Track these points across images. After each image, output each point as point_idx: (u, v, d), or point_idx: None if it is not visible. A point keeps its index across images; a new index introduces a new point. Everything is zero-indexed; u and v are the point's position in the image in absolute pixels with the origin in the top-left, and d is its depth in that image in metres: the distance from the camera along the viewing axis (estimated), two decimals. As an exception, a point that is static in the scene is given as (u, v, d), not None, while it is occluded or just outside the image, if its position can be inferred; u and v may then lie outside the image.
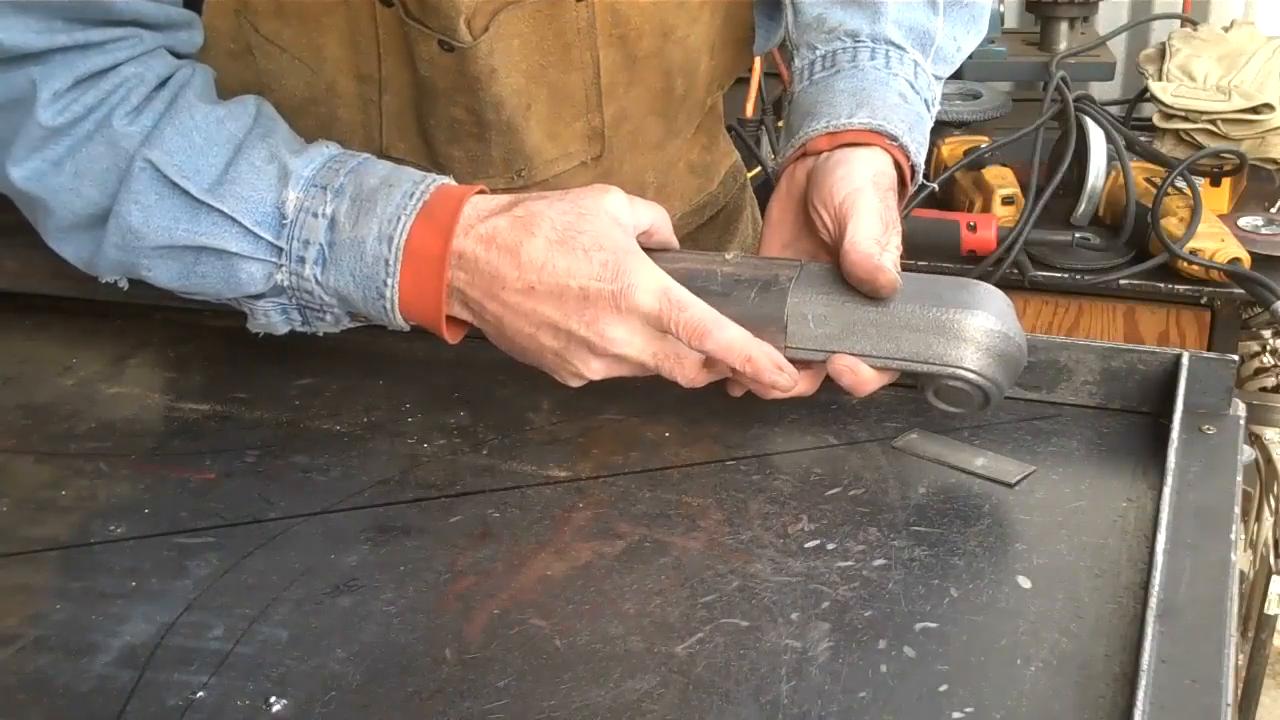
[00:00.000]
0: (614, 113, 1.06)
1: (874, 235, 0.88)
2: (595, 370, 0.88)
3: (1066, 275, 1.74)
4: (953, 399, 0.88)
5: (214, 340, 1.07)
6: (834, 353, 0.87)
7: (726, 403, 0.94)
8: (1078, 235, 1.74)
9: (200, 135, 0.88)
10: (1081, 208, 1.78)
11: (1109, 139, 1.77)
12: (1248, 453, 0.88)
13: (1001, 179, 1.82)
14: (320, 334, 0.94)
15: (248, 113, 0.91)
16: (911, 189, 0.99)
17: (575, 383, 0.89)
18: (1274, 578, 1.37)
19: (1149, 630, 0.68)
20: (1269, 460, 1.55)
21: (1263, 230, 1.73)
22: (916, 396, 0.95)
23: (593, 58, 1.02)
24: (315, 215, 0.87)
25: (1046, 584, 0.77)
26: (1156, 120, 1.83)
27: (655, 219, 0.90)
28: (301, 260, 0.88)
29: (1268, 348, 1.94)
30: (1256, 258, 1.65)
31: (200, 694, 0.70)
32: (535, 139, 1.03)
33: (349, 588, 0.78)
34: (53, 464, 0.91)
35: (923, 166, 0.98)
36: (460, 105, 0.99)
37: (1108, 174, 1.78)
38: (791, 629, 0.74)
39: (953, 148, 1.89)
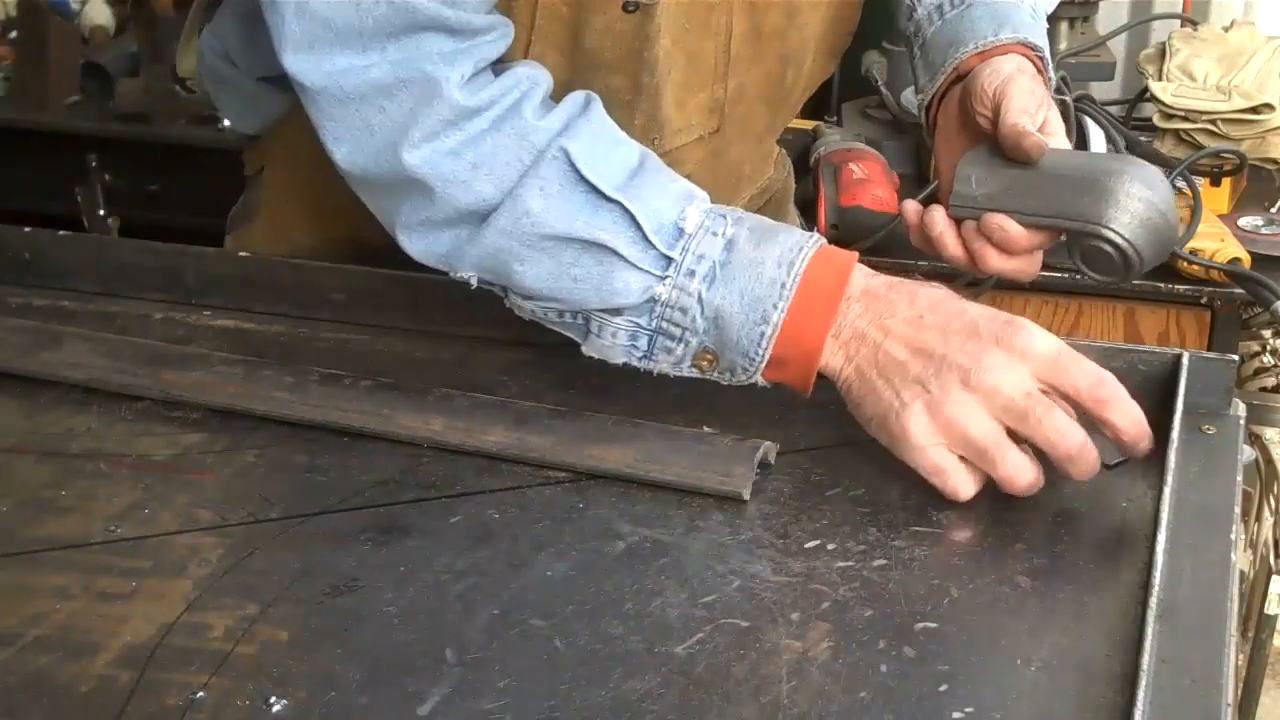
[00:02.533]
0: (735, 88, 1.10)
1: (1023, 108, 0.95)
2: (955, 403, 0.83)
3: (1066, 275, 1.74)
4: (1097, 263, 0.93)
5: (215, 340, 1.07)
6: (988, 210, 0.93)
7: (726, 403, 0.95)
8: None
9: (607, 144, 0.90)
10: (1081, 208, 1.78)
11: (1109, 139, 1.77)
12: (1248, 453, 0.88)
13: (1001, 179, 1.82)
14: (653, 373, 0.92)
15: (639, 146, 0.93)
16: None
17: (924, 436, 0.84)
18: (1274, 578, 1.37)
19: (1149, 630, 0.68)
20: (1269, 460, 1.55)
21: (1263, 230, 1.73)
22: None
23: (727, 24, 1.05)
24: (714, 234, 0.88)
25: (1046, 584, 0.77)
26: (1156, 120, 1.83)
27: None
28: (691, 274, 0.87)
29: (1268, 348, 1.94)
30: (1256, 258, 1.65)
31: (200, 694, 0.70)
32: (668, 107, 1.06)
33: (349, 588, 0.78)
34: (53, 464, 0.91)
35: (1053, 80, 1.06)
36: (623, 72, 1.02)
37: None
38: (791, 629, 0.74)
39: (953, 148, 1.89)
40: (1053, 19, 2.08)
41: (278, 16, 0.88)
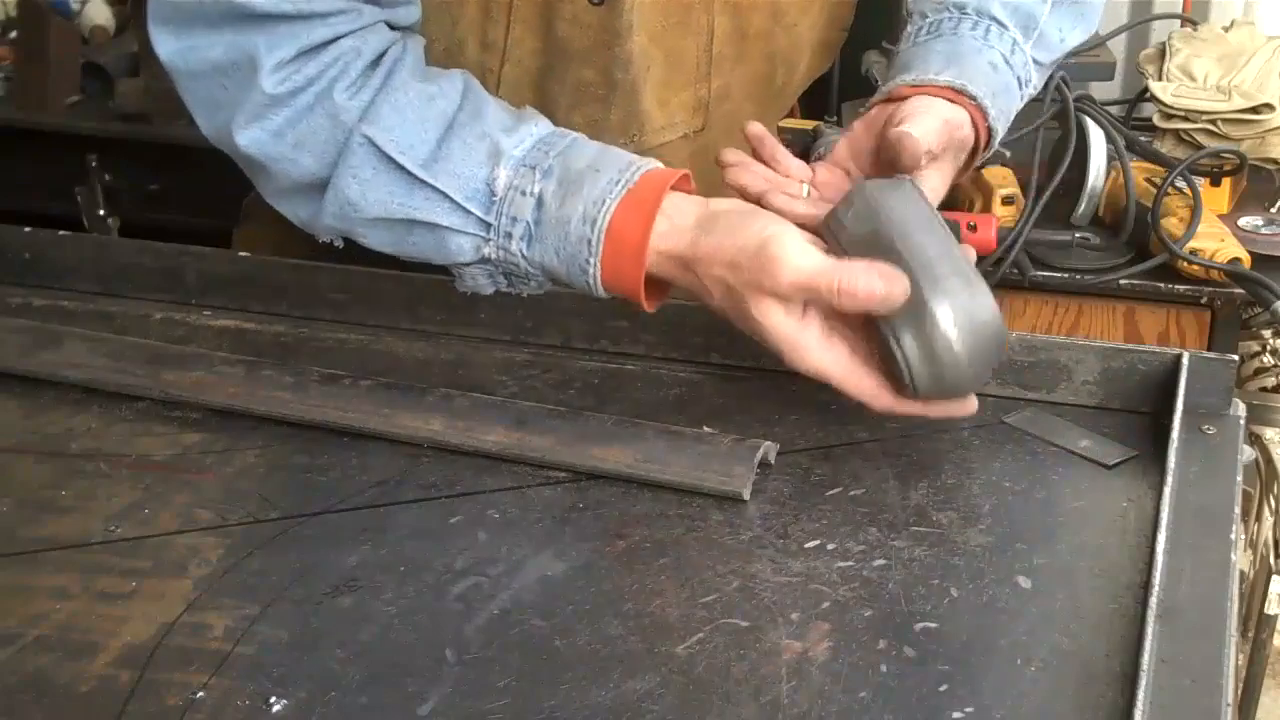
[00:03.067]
0: (719, 87, 1.10)
1: (924, 133, 0.93)
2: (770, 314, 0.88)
3: (1066, 275, 1.74)
4: (891, 364, 0.87)
5: (215, 340, 1.07)
6: (846, 246, 0.88)
7: (726, 403, 0.95)
8: (1078, 235, 1.74)
9: (414, 112, 0.92)
10: (1081, 208, 1.78)
11: (1109, 139, 1.77)
12: (1248, 453, 0.88)
13: (1001, 179, 1.82)
14: (525, 295, 0.97)
15: (456, 89, 0.95)
16: (986, 155, 1.03)
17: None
18: (1274, 578, 1.37)
19: (1149, 630, 0.68)
20: (1269, 460, 1.55)
21: (1263, 230, 1.73)
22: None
23: (708, 24, 1.06)
24: (523, 194, 0.91)
25: (1046, 584, 0.77)
26: (1156, 120, 1.83)
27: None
28: (509, 236, 0.91)
29: (1268, 348, 1.94)
30: (1256, 258, 1.65)
31: (200, 694, 0.70)
32: (648, 104, 1.07)
33: (349, 588, 0.78)
34: (53, 464, 0.91)
35: (1001, 133, 1.02)
36: (593, 66, 1.03)
37: (1108, 174, 1.77)
38: (791, 629, 0.74)
39: (953, 148, 1.89)
40: (1053, 19, 2.08)
41: None
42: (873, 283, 0.84)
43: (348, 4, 0.93)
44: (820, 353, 0.88)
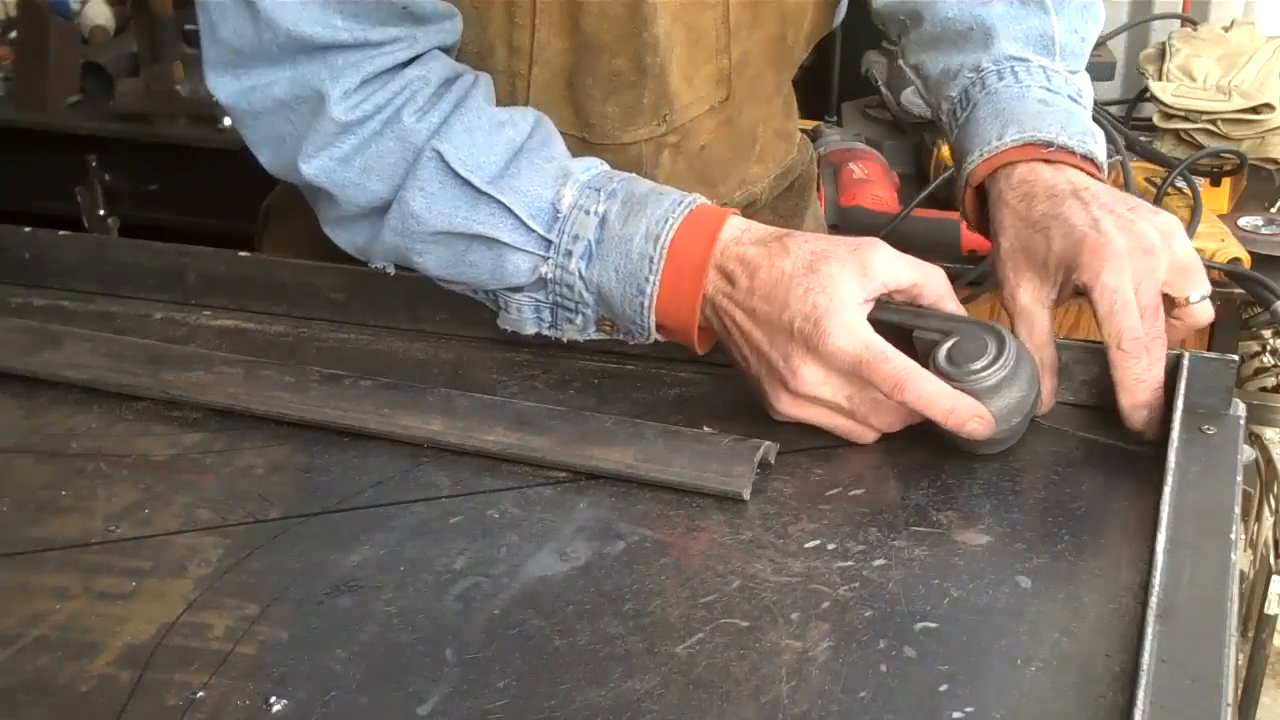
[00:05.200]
0: (739, 55, 1.11)
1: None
2: (786, 406, 0.90)
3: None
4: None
5: (215, 340, 1.07)
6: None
7: (726, 404, 0.95)
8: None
9: (484, 135, 0.94)
10: (1081, 208, 1.77)
11: (1109, 139, 1.77)
12: (1248, 453, 0.88)
13: (1001, 179, 1.82)
14: (565, 340, 0.98)
15: (528, 121, 0.96)
16: (1102, 173, 0.99)
17: (774, 414, 0.91)
18: (1274, 578, 1.37)
19: (1149, 630, 0.68)
20: (1269, 460, 1.55)
21: (1263, 230, 1.73)
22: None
23: None
24: (588, 213, 0.92)
25: (1046, 584, 0.77)
26: (1156, 120, 1.83)
27: (920, 279, 0.90)
28: (569, 255, 0.92)
29: (1268, 348, 1.94)
30: (1256, 258, 1.65)
31: (200, 694, 0.70)
32: (675, 82, 1.08)
33: (349, 588, 0.78)
34: (53, 464, 0.91)
35: (1101, 148, 0.99)
36: (624, 55, 1.04)
37: (1108, 174, 1.77)
38: (791, 629, 0.74)
39: (953, 148, 1.89)
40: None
41: (203, 40, 0.96)
42: (975, 427, 0.86)
43: (402, 31, 0.95)
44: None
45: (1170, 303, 0.90)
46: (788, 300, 0.87)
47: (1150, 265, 0.89)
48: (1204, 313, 0.91)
